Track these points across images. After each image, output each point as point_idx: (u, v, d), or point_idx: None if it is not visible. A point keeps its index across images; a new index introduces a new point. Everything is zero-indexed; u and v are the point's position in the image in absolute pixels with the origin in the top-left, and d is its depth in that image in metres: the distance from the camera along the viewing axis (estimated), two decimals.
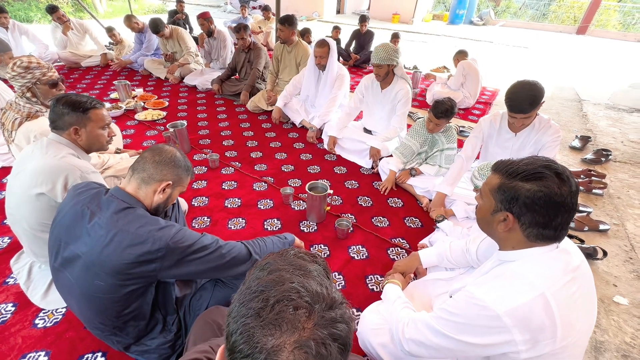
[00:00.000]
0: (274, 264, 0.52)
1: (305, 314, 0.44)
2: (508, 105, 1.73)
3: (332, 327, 0.44)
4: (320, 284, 0.49)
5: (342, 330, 0.45)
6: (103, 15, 9.51)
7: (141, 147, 2.83)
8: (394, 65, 2.43)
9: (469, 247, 1.37)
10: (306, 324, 0.43)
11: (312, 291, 0.47)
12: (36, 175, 1.31)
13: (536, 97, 1.64)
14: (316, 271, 0.52)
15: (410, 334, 1.01)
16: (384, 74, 2.45)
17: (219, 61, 4.43)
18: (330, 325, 0.44)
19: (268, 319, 0.43)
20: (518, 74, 5.91)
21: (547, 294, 0.79)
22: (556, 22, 13.21)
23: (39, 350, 1.28)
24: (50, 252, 1.08)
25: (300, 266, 0.52)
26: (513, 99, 1.69)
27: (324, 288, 0.48)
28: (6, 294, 1.51)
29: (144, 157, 1.09)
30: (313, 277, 0.50)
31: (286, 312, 0.44)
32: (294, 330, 0.42)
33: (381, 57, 2.34)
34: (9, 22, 4.24)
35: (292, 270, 0.50)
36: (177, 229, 1.03)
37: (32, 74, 1.62)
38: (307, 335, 0.42)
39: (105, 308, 1.02)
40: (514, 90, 1.69)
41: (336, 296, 0.49)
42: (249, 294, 0.47)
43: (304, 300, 0.45)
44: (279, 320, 0.43)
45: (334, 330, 0.44)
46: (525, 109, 1.67)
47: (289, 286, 0.47)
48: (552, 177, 0.81)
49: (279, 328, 0.43)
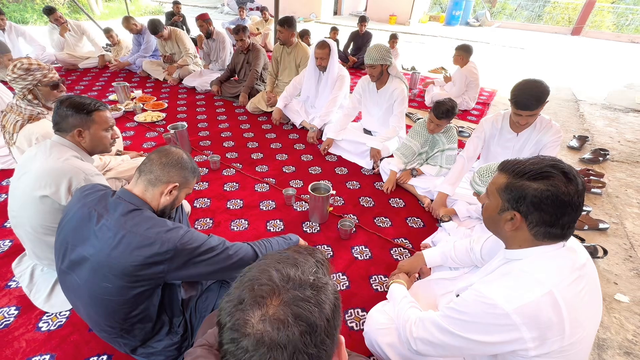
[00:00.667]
0: (267, 257, 0.54)
1: (270, 291, 0.46)
2: (514, 102, 1.74)
3: (296, 306, 0.45)
4: (300, 270, 0.50)
5: (311, 311, 0.45)
6: (99, 17, 9.47)
7: (141, 148, 2.82)
8: (388, 64, 2.46)
9: (473, 246, 1.39)
10: (270, 301, 0.45)
11: (284, 274, 0.49)
12: (40, 177, 1.30)
13: (542, 94, 1.66)
14: (304, 261, 0.53)
15: (418, 332, 1.01)
16: (377, 74, 2.47)
17: (218, 62, 4.43)
18: (293, 304, 0.45)
19: (240, 297, 0.47)
20: (516, 74, 5.96)
21: (555, 292, 0.79)
22: (551, 23, 13.33)
23: (43, 354, 1.28)
24: (57, 255, 1.07)
25: (287, 257, 0.53)
26: (520, 95, 1.71)
27: (299, 272, 0.49)
28: (8, 298, 1.50)
29: (151, 159, 1.09)
30: (296, 265, 0.51)
31: (254, 290, 0.47)
32: (258, 306, 0.45)
33: (374, 57, 2.37)
34: (6, 24, 4.22)
35: (277, 259, 0.52)
36: (184, 230, 1.03)
37: (33, 76, 1.62)
38: (271, 312, 0.44)
39: (113, 310, 1.02)
40: (520, 88, 1.71)
41: (311, 278, 0.49)
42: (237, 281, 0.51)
43: (272, 281, 0.48)
44: (246, 295, 0.47)
45: (298, 309, 0.45)
46: (531, 106, 1.69)
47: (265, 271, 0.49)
48: (559, 176, 0.82)
49: (247, 304, 0.46)
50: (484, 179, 1.48)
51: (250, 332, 0.44)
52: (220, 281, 1.36)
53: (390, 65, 2.47)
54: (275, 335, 0.43)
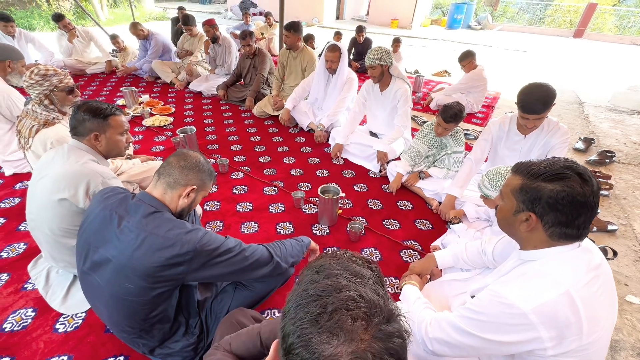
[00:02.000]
0: (329, 267, 0.52)
1: (363, 325, 0.44)
2: (520, 106, 1.76)
3: (389, 341, 0.44)
4: (376, 293, 0.48)
5: (399, 345, 0.44)
6: (105, 23, 9.58)
7: (150, 152, 2.85)
8: (388, 65, 2.49)
9: (484, 247, 1.40)
10: (363, 335, 0.43)
11: (369, 301, 0.46)
12: (58, 181, 1.32)
13: (549, 98, 1.68)
14: (372, 279, 0.51)
15: (434, 333, 1.02)
16: (378, 75, 2.51)
17: (224, 67, 4.47)
18: (387, 339, 0.44)
19: (326, 327, 0.43)
20: (519, 77, 5.98)
21: (572, 291, 0.81)
22: (553, 26, 13.37)
23: (61, 355, 1.29)
24: (79, 256, 1.09)
25: (356, 272, 0.51)
26: (526, 99, 1.72)
27: (380, 298, 0.48)
28: (25, 300, 1.52)
29: (170, 162, 1.11)
30: (369, 285, 0.49)
31: (344, 322, 0.43)
32: (351, 341, 0.42)
33: (373, 58, 2.43)
34: (16, 31, 4.28)
35: (349, 277, 0.50)
36: (203, 232, 1.05)
37: (49, 82, 1.65)
38: (364, 347, 0.42)
39: (134, 311, 1.03)
40: (526, 92, 1.73)
41: (393, 308, 0.48)
42: (306, 297, 0.48)
43: (362, 310, 0.45)
44: (337, 329, 0.43)
45: (390, 344, 0.44)
46: (538, 110, 1.70)
47: (346, 295, 0.46)
48: (574, 177, 0.84)
49: (336, 337, 0.43)
50: (493, 183, 1.49)
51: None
52: (234, 283, 1.38)
53: (390, 65, 2.51)
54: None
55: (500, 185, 1.44)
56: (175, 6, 8.68)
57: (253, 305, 1.40)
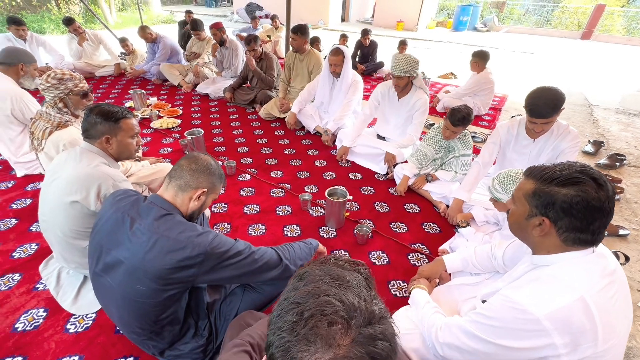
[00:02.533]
0: (311, 273, 0.50)
1: (341, 330, 0.42)
2: (528, 110, 1.74)
3: (371, 345, 0.41)
4: (358, 296, 0.46)
5: (383, 348, 0.42)
6: (113, 26, 9.71)
7: (158, 154, 2.88)
8: (415, 76, 2.47)
9: (494, 252, 1.38)
10: (342, 340, 0.41)
11: (348, 304, 0.44)
12: (71, 183, 1.34)
13: (558, 102, 1.67)
14: (355, 281, 0.49)
15: (444, 338, 1.02)
16: (404, 85, 2.49)
17: (231, 70, 4.50)
18: (368, 343, 0.41)
19: (302, 334, 0.42)
20: (526, 79, 5.94)
21: (587, 297, 0.80)
22: (560, 28, 13.27)
23: (72, 355, 1.31)
24: (91, 258, 1.11)
25: (338, 276, 0.49)
26: (534, 103, 1.71)
27: (362, 300, 0.45)
28: (37, 300, 1.54)
29: (181, 165, 1.12)
30: (351, 288, 0.47)
31: (320, 328, 0.42)
32: (328, 347, 0.40)
33: (403, 69, 2.37)
34: (27, 34, 4.36)
35: (329, 281, 0.47)
36: (213, 234, 1.06)
37: (65, 85, 1.68)
38: (343, 353, 0.40)
39: (145, 312, 1.04)
40: (535, 96, 1.72)
41: (376, 309, 0.45)
42: (285, 305, 0.46)
43: (339, 315, 0.43)
44: (312, 336, 0.41)
45: (372, 348, 0.41)
46: (546, 114, 1.69)
47: (324, 299, 0.44)
48: (589, 181, 0.83)
49: (313, 344, 0.41)
50: (504, 186, 1.47)
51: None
52: (243, 285, 1.38)
53: (416, 76, 2.49)
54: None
55: (511, 188, 1.43)
56: (182, 9, 8.78)
57: (261, 307, 1.40)
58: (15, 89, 2.27)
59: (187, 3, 17.46)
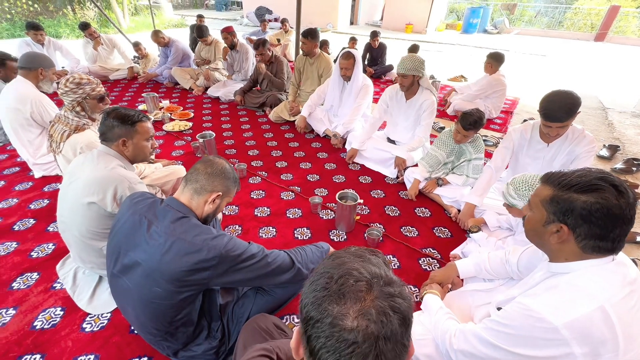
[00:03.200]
0: (337, 253, 0.58)
1: (365, 285, 0.49)
2: (543, 114, 1.72)
3: (391, 300, 0.48)
4: (378, 267, 0.53)
5: (401, 304, 0.48)
6: (126, 30, 9.92)
7: (171, 157, 2.92)
8: (420, 76, 2.47)
9: (508, 258, 1.37)
10: (367, 295, 0.48)
11: (370, 271, 0.51)
12: (88, 185, 1.38)
13: (573, 105, 1.64)
14: (375, 259, 0.56)
15: (459, 345, 1.01)
16: (408, 84, 2.48)
17: (241, 73, 4.56)
18: (389, 298, 0.48)
19: (333, 290, 0.49)
20: (538, 82, 5.86)
21: (607, 306, 0.78)
22: (573, 30, 13.07)
23: (88, 354, 1.33)
24: (109, 259, 1.13)
25: (360, 255, 0.57)
26: (549, 107, 1.69)
27: (382, 270, 0.53)
28: (54, 299, 1.57)
29: (197, 169, 1.14)
30: (372, 262, 0.54)
31: (347, 284, 0.49)
32: (356, 300, 0.47)
33: (407, 67, 2.39)
34: (45, 39, 4.49)
35: (353, 258, 0.55)
36: (228, 237, 1.07)
37: (82, 89, 1.72)
38: (369, 305, 0.47)
39: (160, 313, 1.06)
40: (549, 99, 1.69)
41: (394, 277, 0.53)
42: (316, 275, 0.54)
43: (364, 276, 0.50)
44: (342, 290, 0.49)
45: (393, 302, 0.48)
46: (561, 118, 1.66)
47: (350, 266, 0.52)
48: (609, 188, 0.81)
49: (342, 297, 0.48)
50: (520, 192, 1.45)
51: (351, 326, 0.45)
52: (255, 288, 1.39)
53: (422, 77, 2.48)
54: (379, 327, 0.45)
55: (527, 194, 1.41)
56: (194, 14, 8.92)
57: (273, 310, 1.41)
58: (35, 92, 2.34)
59: (198, 7, 17.74)
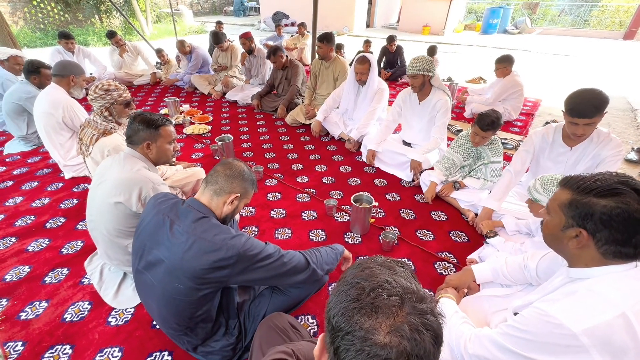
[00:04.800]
0: (365, 263, 0.57)
1: (398, 301, 0.48)
2: (569, 109, 1.65)
3: (424, 317, 0.47)
4: (409, 281, 0.52)
5: (433, 322, 0.47)
6: (149, 37, 10.31)
7: (190, 159, 3.02)
8: (430, 76, 2.46)
9: (527, 263, 1.34)
10: (399, 310, 0.47)
11: (402, 285, 0.50)
12: (115, 186, 1.45)
13: (601, 102, 1.58)
14: (404, 272, 0.56)
15: (474, 349, 1.00)
16: (419, 85, 2.48)
17: (258, 77, 4.66)
18: (422, 315, 0.47)
19: (365, 302, 0.48)
20: (562, 83, 5.67)
21: (629, 314, 0.76)
22: (599, 28, 12.56)
23: (113, 346, 1.40)
24: (135, 256, 1.19)
25: (389, 266, 0.56)
26: (576, 102, 1.63)
27: (413, 285, 0.52)
28: (82, 293, 1.66)
29: (217, 171, 1.19)
30: (402, 276, 0.53)
31: (380, 298, 0.48)
32: (388, 315, 0.46)
33: (416, 67, 2.40)
34: (75, 47, 4.75)
35: (383, 270, 0.54)
36: (246, 237, 1.11)
37: (110, 95, 1.82)
38: (402, 321, 0.46)
39: (182, 309, 1.11)
40: (576, 94, 1.64)
41: (425, 293, 0.52)
42: (345, 284, 0.53)
43: (396, 291, 0.49)
44: (375, 304, 0.48)
45: (425, 320, 0.47)
46: (589, 113, 1.60)
47: (382, 279, 0.51)
48: (630, 193, 0.80)
49: (375, 311, 0.47)
50: (547, 187, 1.41)
51: (384, 342, 0.44)
52: (271, 288, 1.43)
53: (432, 76, 2.48)
54: (413, 345, 0.44)
55: (554, 190, 1.38)
56: (213, 20, 9.17)
57: (288, 309, 1.44)
58: (66, 98, 2.49)
59: (217, 13, 18.19)
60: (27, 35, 9.18)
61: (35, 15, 9.80)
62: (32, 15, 9.74)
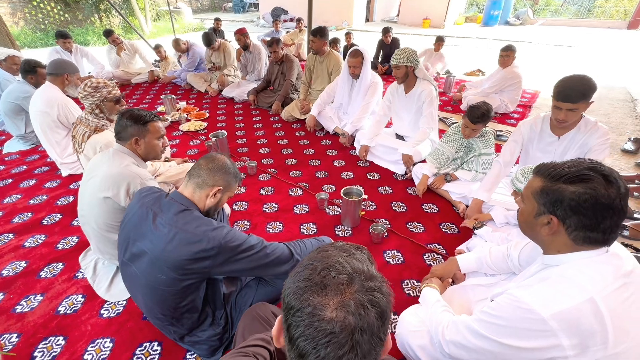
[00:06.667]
0: (323, 247, 0.60)
1: (347, 279, 0.51)
2: (556, 92, 1.65)
3: (371, 294, 0.50)
4: (361, 262, 0.55)
5: (380, 299, 0.50)
6: (149, 36, 10.33)
7: (186, 155, 3.05)
8: (413, 67, 2.46)
9: (510, 252, 1.35)
10: (347, 288, 0.50)
11: (353, 265, 0.53)
12: (104, 181, 1.48)
13: (589, 88, 1.58)
14: (359, 255, 0.58)
15: (450, 335, 1.02)
16: (402, 75, 2.50)
17: (254, 73, 4.66)
18: (369, 292, 0.50)
19: (315, 281, 0.51)
20: (561, 74, 5.59)
21: (597, 299, 0.77)
22: (603, 18, 12.36)
23: (105, 337, 1.44)
24: (120, 248, 1.22)
25: (345, 249, 0.59)
26: (564, 86, 1.63)
27: (364, 266, 0.54)
28: (76, 287, 1.70)
29: (199, 165, 1.20)
30: (356, 258, 0.56)
31: (329, 277, 0.51)
32: (336, 292, 0.49)
33: (399, 58, 2.42)
34: (73, 47, 4.78)
35: (338, 252, 0.57)
36: (227, 229, 1.13)
37: (100, 93, 1.84)
38: (349, 297, 0.49)
39: (165, 299, 1.13)
40: (566, 79, 1.64)
41: (376, 273, 0.54)
42: (300, 267, 0.56)
43: (346, 270, 0.52)
44: (324, 282, 0.50)
45: (372, 297, 0.50)
46: (574, 98, 1.60)
47: (333, 259, 0.54)
48: (598, 178, 0.80)
49: (323, 288, 0.50)
50: (526, 177, 1.43)
51: (330, 317, 0.47)
52: (257, 279, 1.45)
53: (416, 68, 2.48)
54: (357, 319, 0.47)
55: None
56: (212, 17, 9.16)
57: (274, 300, 1.46)
58: (61, 96, 2.52)
59: (217, 10, 18.15)
60: (28, 36, 9.24)
61: (35, 15, 9.85)
62: (32, 15, 9.79)
